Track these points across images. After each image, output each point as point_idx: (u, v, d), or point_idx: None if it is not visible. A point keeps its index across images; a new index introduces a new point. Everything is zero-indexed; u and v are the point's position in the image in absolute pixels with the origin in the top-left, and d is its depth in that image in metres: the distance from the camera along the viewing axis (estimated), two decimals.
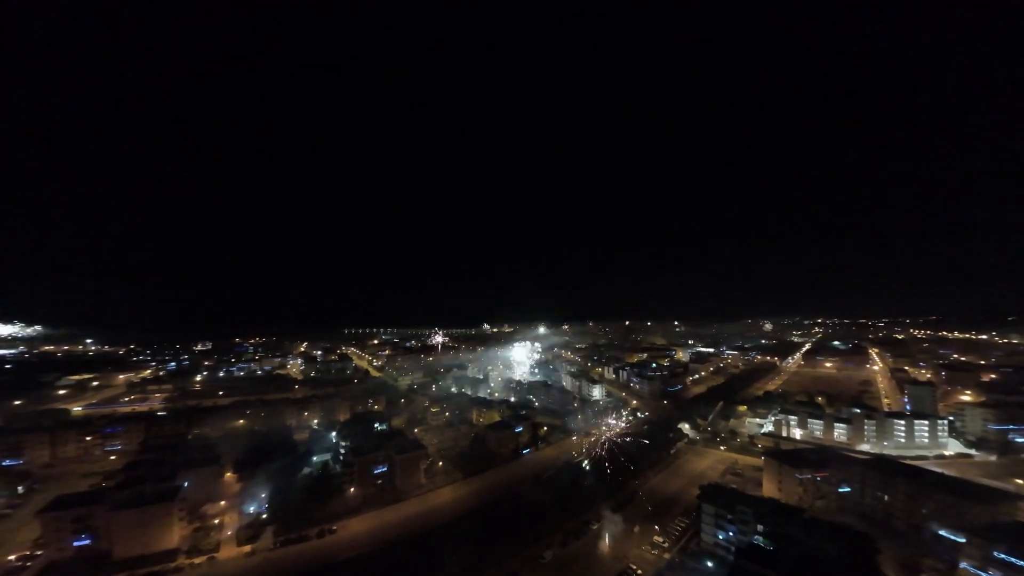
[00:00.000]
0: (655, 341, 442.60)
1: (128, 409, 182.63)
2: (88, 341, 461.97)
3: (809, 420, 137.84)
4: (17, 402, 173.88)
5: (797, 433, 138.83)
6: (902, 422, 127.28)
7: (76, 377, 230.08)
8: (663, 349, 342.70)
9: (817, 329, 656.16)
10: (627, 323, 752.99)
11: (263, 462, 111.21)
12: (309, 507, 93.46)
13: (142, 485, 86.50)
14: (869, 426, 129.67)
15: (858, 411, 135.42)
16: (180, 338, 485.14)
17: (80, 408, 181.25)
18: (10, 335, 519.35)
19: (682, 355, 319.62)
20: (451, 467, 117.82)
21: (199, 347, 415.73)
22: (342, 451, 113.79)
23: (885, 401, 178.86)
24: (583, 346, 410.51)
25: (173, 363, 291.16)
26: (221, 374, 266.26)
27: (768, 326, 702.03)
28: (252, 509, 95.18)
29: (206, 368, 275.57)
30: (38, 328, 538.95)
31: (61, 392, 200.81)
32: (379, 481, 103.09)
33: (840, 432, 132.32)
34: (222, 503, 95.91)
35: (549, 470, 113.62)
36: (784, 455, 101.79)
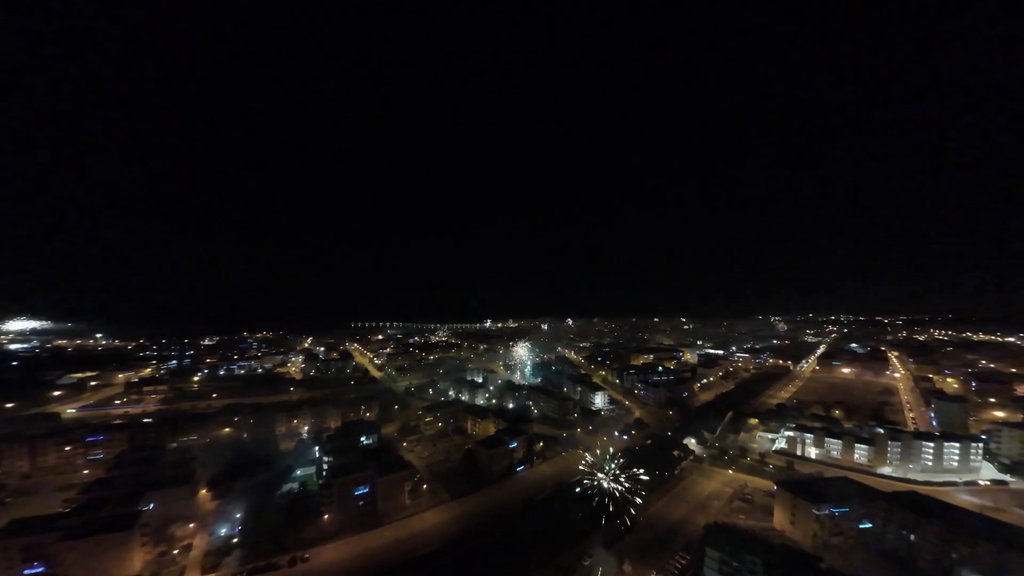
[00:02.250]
0: (662, 341, 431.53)
1: (120, 411, 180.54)
2: (98, 336, 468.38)
3: (826, 439, 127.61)
4: (10, 404, 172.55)
5: (812, 452, 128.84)
6: (931, 444, 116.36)
7: (77, 375, 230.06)
8: (670, 350, 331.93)
9: (831, 328, 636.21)
10: (634, 319, 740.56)
11: (241, 477, 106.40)
12: (283, 531, 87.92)
13: (102, 508, 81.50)
14: (893, 447, 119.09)
15: (881, 431, 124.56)
16: (189, 333, 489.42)
17: (73, 410, 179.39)
18: (25, 329, 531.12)
19: (690, 356, 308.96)
20: (439, 486, 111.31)
21: (206, 342, 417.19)
22: (325, 468, 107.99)
23: (910, 416, 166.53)
24: (587, 344, 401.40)
25: (174, 361, 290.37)
26: (221, 372, 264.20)
27: (781, 325, 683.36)
28: (224, 531, 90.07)
29: (207, 366, 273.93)
30: (53, 322, 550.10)
31: (57, 393, 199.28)
32: (360, 503, 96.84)
33: (861, 453, 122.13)
34: (191, 525, 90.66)
35: (543, 492, 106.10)
36: (798, 485, 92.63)
